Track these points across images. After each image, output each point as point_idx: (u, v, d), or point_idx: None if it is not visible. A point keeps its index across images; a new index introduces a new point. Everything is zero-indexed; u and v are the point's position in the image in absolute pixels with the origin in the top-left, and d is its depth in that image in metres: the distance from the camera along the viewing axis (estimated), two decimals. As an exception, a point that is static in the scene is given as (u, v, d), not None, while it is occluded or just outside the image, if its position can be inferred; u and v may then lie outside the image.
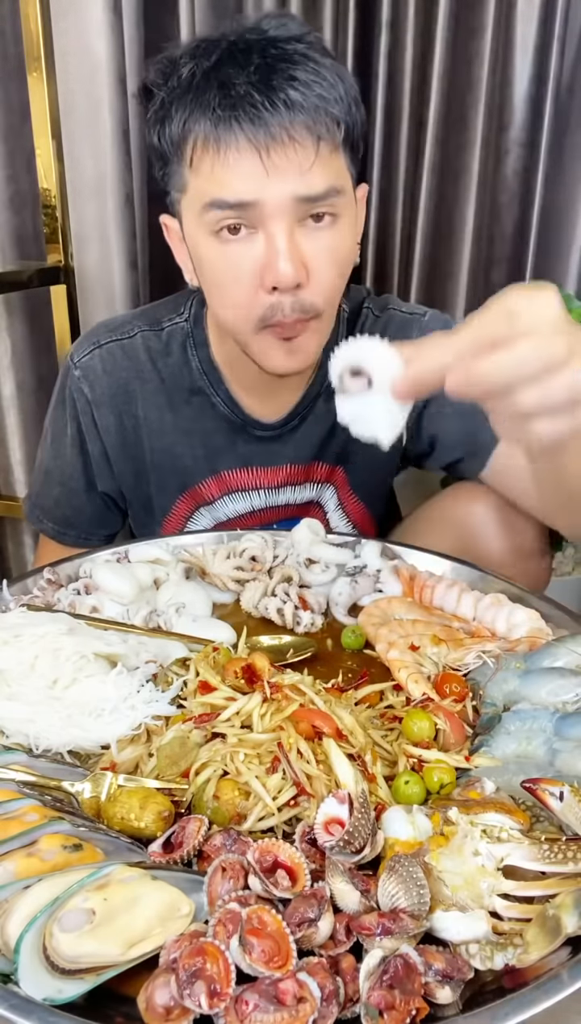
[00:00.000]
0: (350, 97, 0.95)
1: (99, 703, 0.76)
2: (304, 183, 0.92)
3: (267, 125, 0.89)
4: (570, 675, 0.80)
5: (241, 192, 0.92)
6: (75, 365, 1.21)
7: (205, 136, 0.92)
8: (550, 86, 1.96)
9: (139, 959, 0.51)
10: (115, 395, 1.21)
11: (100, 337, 1.21)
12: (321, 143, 0.92)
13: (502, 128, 2.04)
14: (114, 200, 1.91)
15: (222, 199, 0.93)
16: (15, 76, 1.81)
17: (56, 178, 1.78)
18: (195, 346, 1.20)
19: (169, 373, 1.21)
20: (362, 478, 1.29)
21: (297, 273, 0.94)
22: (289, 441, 1.24)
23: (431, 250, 2.10)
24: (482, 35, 1.90)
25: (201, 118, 0.91)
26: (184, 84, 0.93)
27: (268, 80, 0.89)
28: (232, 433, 1.22)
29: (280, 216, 0.93)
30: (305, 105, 0.90)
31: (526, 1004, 0.50)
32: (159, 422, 1.22)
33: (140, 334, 1.21)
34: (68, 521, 1.30)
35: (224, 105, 0.89)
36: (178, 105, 0.93)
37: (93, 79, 1.82)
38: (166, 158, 0.99)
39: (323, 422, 1.23)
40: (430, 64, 1.93)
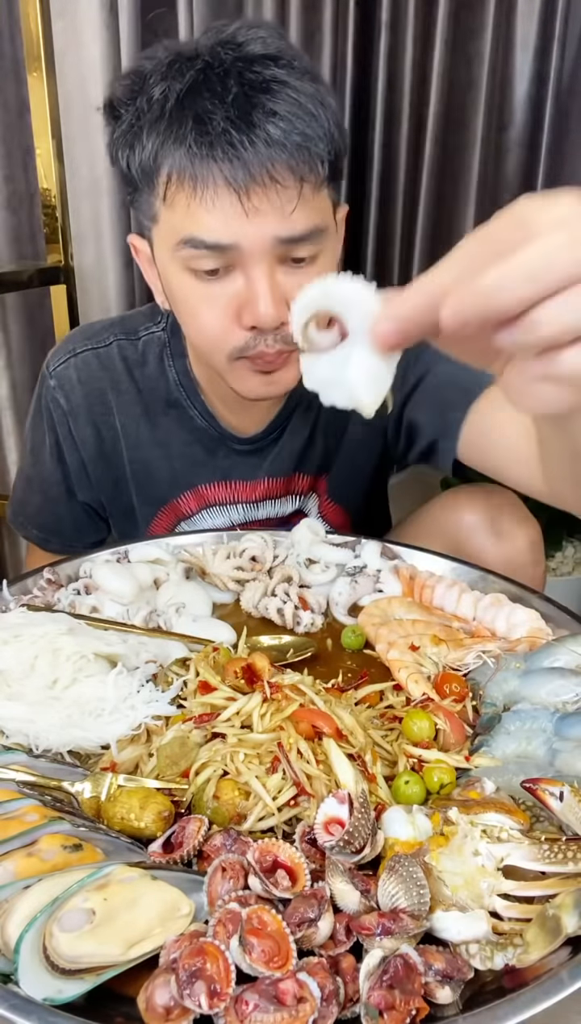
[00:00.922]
0: (333, 126, 0.90)
1: (99, 703, 0.76)
2: (286, 225, 0.88)
3: (247, 165, 0.84)
4: (570, 675, 0.80)
5: (219, 234, 0.88)
6: (50, 375, 1.18)
7: (180, 171, 0.87)
8: (550, 86, 1.96)
9: (139, 959, 0.52)
10: (92, 405, 1.18)
11: (76, 345, 1.19)
12: (304, 184, 0.88)
13: (502, 128, 2.04)
14: (110, 200, 1.91)
15: (199, 238, 0.89)
16: (14, 76, 1.81)
17: (56, 178, 1.78)
18: (172, 356, 1.17)
19: (146, 383, 1.18)
20: (341, 483, 1.28)
21: (278, 313, 0.91)
22: (267, 455, 1.22)
23: (431, 250, 2.10)
24: (482, 35, 1.91)
25: (175, 152, 0.86)
26: (156, 109, 0.88)
27: (247, 115, 0.84)
28: (210, 446, 1.20)
29: (260, 258, 0.89)
30: (286, 144, 0.85)
31: (526, 1004, 0.50)
32: (136, 433, 1.20)
33: (116, 343, 1.18)
34: (51, 528, 1.29)
35: (200, 142, 0.85)
36: (150, 132, 0.88)
37: (89, 79, 1.83)
38: (135, 184, 0.94)
39: (301, 434, 1.21)
40: (430, 64, 1.93)
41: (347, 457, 1.25)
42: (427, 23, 1.91)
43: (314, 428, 1.22)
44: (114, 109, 0.93)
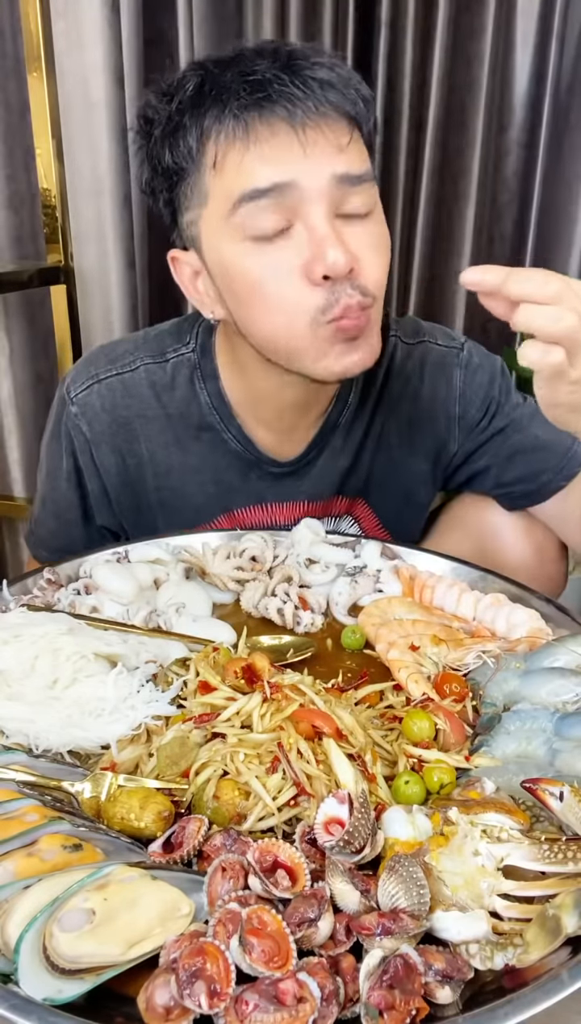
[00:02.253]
0: (363, 92, 0.92)
1: (99, 703, 0.76)
2: (344, 161, 0.87)
3: (299, 100, 0.85)
4: (570, 675, 0.80)
5: (275, 175, 0.86)
6: (72, 400, 1.13)
7: (231, 128, 0.87)
8: (549, 87, 1.96)
9: (139, 959, 0.51)
10: (116, 434, 1.13)
11: (99, 370, 1.13)
12: (354, 121, 0.89)
13: (502, 129, 2.04)
14: (112, 200, 1.91)
15: (255, 187, 0.87)
16: (14, 76, 1.81)
17: (56, 178, 1.78)
18: (203, 379, 1.12)
19: (175, 408, 1.13)
20: (390, 510, 1.24)
21: (346, 258, 0.87)
22: (305, 476, 1.17)
23: (431, 250, 2.11)
24: (482, 36, 1.91)
25: (223, 112, 0.87)
26: (193, 93, 0.89)
27: (289, 65, 0.86)
28: (245, 469, 1.16)
29: (319, 199, 0.87)
30: (335, 83, 0.87)
31: (526, 1004, 0.50)
32: (165, 460, 1.15)
33: (143, 367, 1.12)
34: (63, 550, 1.21)
35: (250, 90, 0.85)
36: (192, 113, 0.89)
37: (91, 79, 1.83)
38: (182, 173, 0.93)
39: (342, 456, 1.17)
40: (430, 65, 1.93)
41: (398, 487, 1.22)
42: (427, 24, 1.91)
43: (359, 452, 1.18)
44: (147, 116, 0.94)
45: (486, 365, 1.18)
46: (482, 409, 1.16)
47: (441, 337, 1.18)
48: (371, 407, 1.16)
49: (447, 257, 2.11)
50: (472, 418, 1.16)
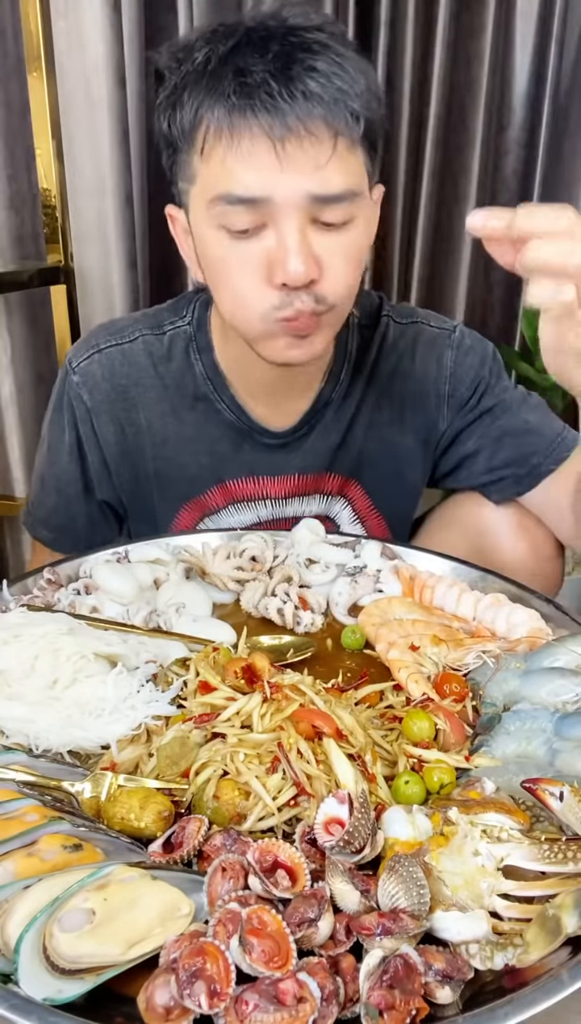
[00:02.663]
0: (372, 92, 0.91)
1: (99, 703, 0.76)
2: (319, 180, 0.88)
3: (283, 115, 0.85)
4: (570, 675, 0.80)
5: (252, 187, 0.88)
6: (73, 371, 1.16)
7: (218, 124, 0.87)
8: (548, 87, 1.96)
9: (139, 959, 0.51)
10: (114, 402, 1.16)
11: (99, 341, 1.17)
12: (339, 139, 0.88)
13: (501, 128, 2.05)
14: (114, 200, 1.91)
15: (232, 193, 0.88)
16: (15, 76, 1.81)
17: (56, 178, 1.78)
18: (198, 351, 1.16)
19: (171, 379, 1.17)
20: (383, 491, 1.25)
21: (308, 271, 0.90)
22: (297, 450, 1.19)
23: (431, 250, 2.11)
24: (482, 35, 1.91)
25: (215, 105, 0.87)
26: (198, 69, 0.89)
27: (287, 68, 0.85)
28: (238, 440, 1.18)
29: (292, 213, 0.88)
30: (324, 97, 0.86)
31: (526, 1004, 0.50)
32: (162, 429, 1.18)
33: (141, 338, 1.16)
34: (63, 529, 1.26)
35: (240, 93, 0.85)
36: (192, 91, 0.89)
37: (92, 78, 1.83)
38: (176, 146, 0.95)
39: (333, 431, 1.19)
40: (430, 64, 1.93)
41: (390, 467, 1.23)
42: (427, 23, 1.91)
43: (350, 427, 1.20)
44: (160, 75, 0.95)
45: (477, 347, 1.20)
46: (471, 388, 1.18)
47: (434, 319, 1.21)
48: (362, 384, 1.18)
49: (447, 256, 2.11)
50: (461, 396, 1.18)
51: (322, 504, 1.25)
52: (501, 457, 1.18)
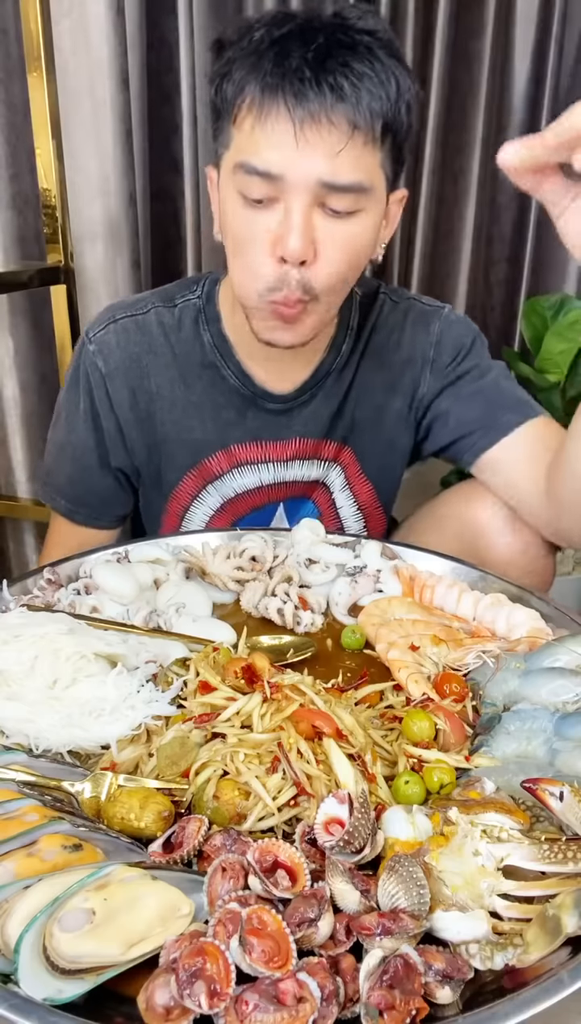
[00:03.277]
0: (403, 100, 0.96)
1: (99, 703, 0.76)
2: (331, 167, 0.93)
3: (308, 101, 0.91)
4: (570, 675, 0.80)
5: (269, 162, 0.94)
6: (90, 340, 1.23)
7: (252, 99, 0.94)
8: (548, 87, 1.96)
9: (139, 959, 0.51)
10: (129, 369, 1.22)
11: (115, 314, 1.24)
12: (356, 131, 0.93)
13: (501, 129, 2.04)
14: (117, 199, 1.91)
15: (252, 164, 0.95)
16: (17, 76, 1.81)
17: (56, 178, 1.78)
18: (207, 321, 1.22)
19: (181, 348, 1.22)
20: (372, 456, 1.30)
21: (305, 249, 0.96)
22: (299, 415, 1.24)
23: (431, 250, 2.11)
24: (482, 36, 1.91)
25: (253, 81, 0.94)
26: (250, 48, 0.95)
27: (323, 60, 0.91)
28: (242, 406, 1.23)
29: (302, 192, 0.94)
30: (348, 93, 0.91)
31: (526, 1004, 0.50)
32: (171, 396, 1.23)
33: (153, 310, 1.23)
34: (80, 499, 1.30)
35: (274, 73, 0.92)
36: (240, 65, 0.95)
37: (96, 79, 1.83)
38: (219, 113, 1.01)
39: (333, 398, 1.25)
40: (430, 65, 1.93)
41: (380, 432, 1.28)
42: (427, 24, 1.91)
43: (346, 396, 1.26)
44: (221, 46, 1.01)
45: (465, 323, 1.27)
46: (453, 354, 1.24)
47: (426, 299, 1.28)
48: (358, 356, 1.25)
49: (447, 256, 2.11)
50: (442, 361, 1.24)
51: (321, 469, 1.30)
52: (472, 415, 1.22)
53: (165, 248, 2.11)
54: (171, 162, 2.01)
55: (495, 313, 2.23)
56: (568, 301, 1.97)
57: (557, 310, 1.97)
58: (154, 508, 1.32)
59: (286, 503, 1.30)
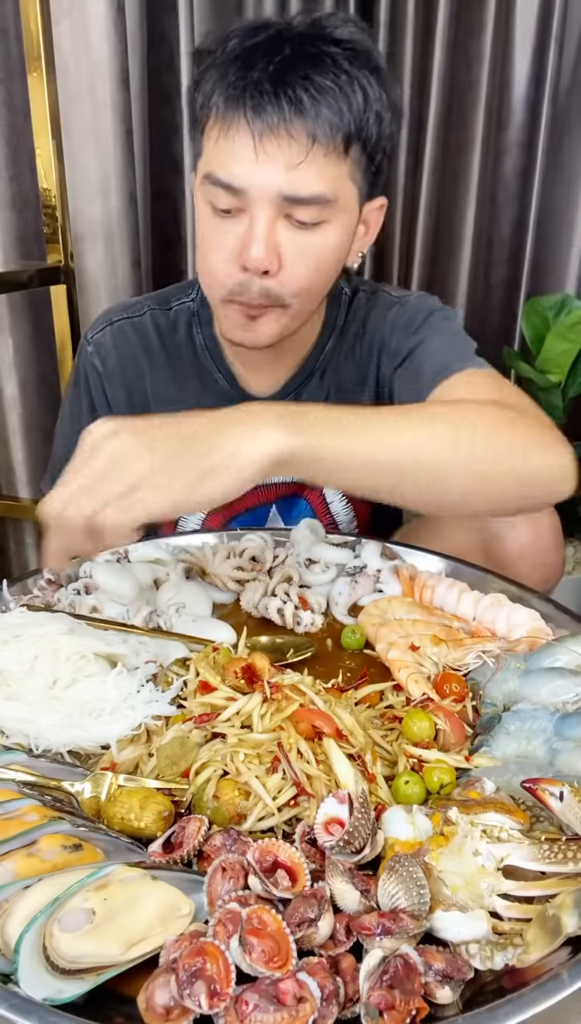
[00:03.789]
0: (370, 110, 0.95)
1: (99, 703, 0.76)
2: (291, 181, 0.94)
3: (266, 114, 0.91)
4: (570, 675, 0.80)
5: (232, 175, 0.95)
6: (89, 342, 1.26)
7: (217, 110, 0.95)
8: (548, 87, 1.96)
9: (139, 959, 0.51)
10: (125, 369, 1.25)
11: (112, 316, 1.27)
12: (315, 144, 0.93)
13: (501, 128, 2.04)
14: (118, 200, 1.91)
15: (216, 176, 0.96)
16: (18, 76, 1.81)
17: (56, 178, 1.78)
18: (200, 324, 1.24)
19: (175, 350, 1.25)
20: None
21: (267, 260, 0.97)
22: None
23: (431, 250, 2.10)
24: (482, 35, 1.91)
25: (218, 93, 0.95)
26: (221, 58, 0.96)
27: (283, 73, 0.91)
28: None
29: (265, 205, 0.95)
30: (307, 106, 0.91)
31: (526, 1004, 0.50)
32: (165, 397, 1.26)
33: (149, 312, 1.25)
34: None
35: (236, 86, 0.93)
36: (211, 75, 0.96)
37: (96, 79, 1.83)
38: (195, 120, 1.02)
39: (317, 398, 1.25)
40: (429, 64, 1.93)
41: None
42: (427, 23, 1.91)
43: (328, 395, 1.27)
44: (199, 55, 1.01)
45: (417, 305, 1.20)
46: (402, 335, 1.19)
47: (395, 291, 1.27)
48: (334, 352, 1.26)
49: (447, 256, 2.11)
50: (392, 346, 1.21)
51: None
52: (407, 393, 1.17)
53: (165, 248, 2.11)
54: (171, 162, 2.01)
55: (495, 313, 2.23)
56: (569, 301, 1.97)
57: (558, 310, 1.97)
58: None
59: (278, 503, 1.31)
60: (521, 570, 1.06)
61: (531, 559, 1.16)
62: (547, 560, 1.18)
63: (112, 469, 0.69)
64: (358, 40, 0.97)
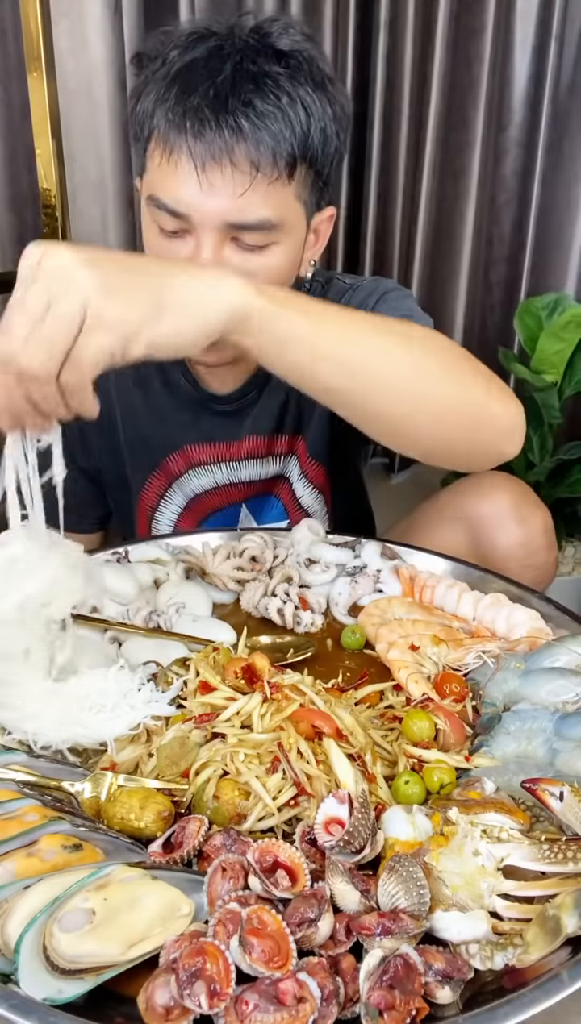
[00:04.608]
0: (314, 129, 0.94)
1: (99, 698, 0.76)
2: (236, 208, 0.93)
3: (208, 143, 0.90)
4: (570, 675, 0.80)
5: (176, 201, 0.93)
6: None
7: (158, 134, 0.93)
8: (548, 87, 1.96)
9: (139, 959, 0.52)
10: None
11: None
12: (259, 174, 0.92)
13: (501, 128, 2.04)
14: (114, 200, 1.91)
15: (161, 200, 0.94)
16: (16, 76, 1.81)
17: (56, 178, 1.78)
18: None
19: None
20: (318, 440, 1.30)
21: None
22: (249, 414, 1.25)
23: (431, 250, 2.10)
24: (482, 36, 1.91)
25: (159, 114, 0.93)
26: (162, 71, 0.93)
27: (224, 100, 0.89)
28: (195, 409, 1.24)
29: (209, 231, 0.94)
30: (249, 136, 0.90)
31: (526, 1004, 0.50)
32: (129, 401, 1.25)
33: None
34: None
35: (176, 112, 0.90)
36: (150, 91, 0.94)
37: (93, 79, 1.83)
38: (134, 135, 1.00)
39: (279, 392, 1.25)
40: (430, 64, 1.93)
41: (322, 416, 1.28)
42: (427, 23, 1.91)
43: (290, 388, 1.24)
44: (140, 61, 0.99)
45: (374, 288, 1.19)
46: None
47: (348, 277, 1.25)
48: None
49: (447, 256, 2.11)
50: None
51: (278, 464, 1.30)
52: None
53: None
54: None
55: (494, 313, 2.23)
56: (562, 301, 1.97)
57: (552, 310, 1.97)
58: (123, 509, 1.34)
59: (248, 502, 1.31)
60: (511, 570, 1.06)
61: (521, 560, 1.16)
62: (537, 561, 1.18)
63: (56, 292, 0.62)
64: (301, 50, 0.94)
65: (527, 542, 1.17)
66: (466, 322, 2.14)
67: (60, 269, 0.63)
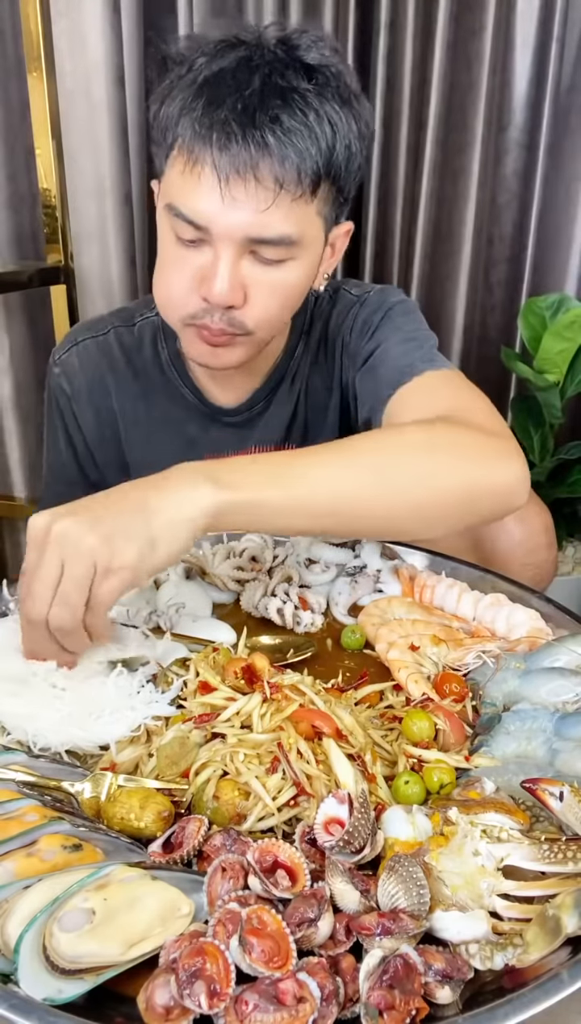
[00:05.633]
0: (339, 145, 0.93)
1: (99, 703, 0.76)
2: (257, 224, 0.92)
3: (233, 157, 0.89)
4: (570, 675, 0.80)
5: (196, 213, 0.93)
6: (55, 363, 1.25)
7: (183, 142, 0.93)
8: (549, 87, 1.96)
9: (139, 959, 0.51)
10: (92, 390, 1.24)
11: (77, 335, 1.25)
12: (283, 191, 0.91)
13: (501, 128, 2.04)
14: (113, 200, 1.91)
15: (180, 210, 0.94)
16: (15, 76, 1.81)
17: (56, 178, 1.78)
18: (165, 339, 1.23)
19: (142, 366, 1.24)
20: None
21: (232, 295, 0.96)
22: (257, 425, 1.26)
23: (431, 250, 2.10)
24: (482, 36, 1.91)
25: (185, 123, 0.92)
26: (189, 77, 0.93)
27: (252, 113, 0.88)
28: (203, 421, 1.25)
29: (229, 244, 0.94)
30: (275, 152, 0.89)
31: (526, 1004, 0.50)
32: (134, 415, 1.25)
33: (113, 331, 1.24)
34: None
35: (203, 123, 0.90)
36: (176, 98, 0.93)
37: (92, 79, 1.83)
38: (155, 138, 1.00)
39: (287, 404, 1.25)
40: (430, 65, 1.93)
41: (331, 425, 1.29)
42: (427, 24, 1.91)
43: (298, 400, 1.26)
44: (166, 63, 0.98)
45: (378, 301, 1.19)
46: (361, 335, 1.20)
47: (355, 287, 1.25)
48: (303, 357, 1.25)
49: (447, 256, 2.11)
50: (354, 346, 1.20)
51: None
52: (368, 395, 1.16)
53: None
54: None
55: (495, 313, 2.23)
56: (566, 301, 1.97)
57: (555, 310, 1.97)
58: None
59: None
60: (511, 570, 1.07)
61: (521, 559, 1.16)
62: (537, 560, 1.18)
63: (67, 556, 0.70)
64: (328, 65, 0.94)
65: (527, 541, 1.17)
66: (466, 322, 2.14)
67: (66, 536, 0.71)
